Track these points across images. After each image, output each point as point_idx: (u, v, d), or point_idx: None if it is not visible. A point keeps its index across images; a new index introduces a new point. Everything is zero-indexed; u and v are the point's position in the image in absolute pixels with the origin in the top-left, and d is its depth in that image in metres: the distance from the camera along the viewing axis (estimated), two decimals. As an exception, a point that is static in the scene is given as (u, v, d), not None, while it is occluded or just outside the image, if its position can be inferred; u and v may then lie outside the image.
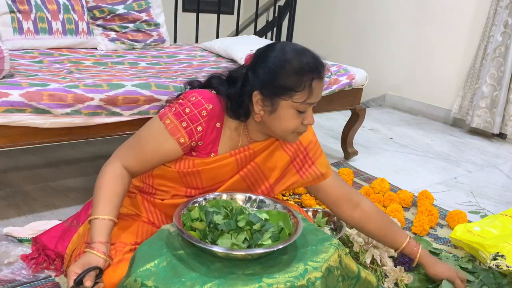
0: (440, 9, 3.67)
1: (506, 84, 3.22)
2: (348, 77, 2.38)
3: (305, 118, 1.20)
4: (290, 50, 1.17)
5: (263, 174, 1.33)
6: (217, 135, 1.25)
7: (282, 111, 1.17)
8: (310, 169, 1.37)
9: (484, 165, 2.81)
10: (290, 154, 1.34)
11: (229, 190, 1.28)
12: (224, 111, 1.25)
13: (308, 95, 1.15)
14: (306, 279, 0.97)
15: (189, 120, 1.20)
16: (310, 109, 1.20)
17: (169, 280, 0.94)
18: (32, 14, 2.16)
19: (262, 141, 1.31)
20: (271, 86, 1.16)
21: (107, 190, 1.16)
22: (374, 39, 4.15)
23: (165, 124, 1.20)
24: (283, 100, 1.16)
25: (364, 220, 1.40)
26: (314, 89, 1.16)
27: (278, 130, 1.22)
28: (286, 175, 1.37)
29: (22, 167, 2.22)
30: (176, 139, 1.19)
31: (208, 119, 1.21)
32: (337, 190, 1.40)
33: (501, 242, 1.59)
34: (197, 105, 1.20)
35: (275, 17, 3.69)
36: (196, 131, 1.21)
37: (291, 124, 1.19)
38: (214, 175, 1.27)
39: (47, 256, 1.42)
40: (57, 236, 1.48)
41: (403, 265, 1.54)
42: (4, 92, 1.45)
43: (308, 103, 1.17)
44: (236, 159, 1.28)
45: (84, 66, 1.99)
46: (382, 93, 4.18)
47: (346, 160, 2.64)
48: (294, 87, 1.14)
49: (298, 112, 1.18)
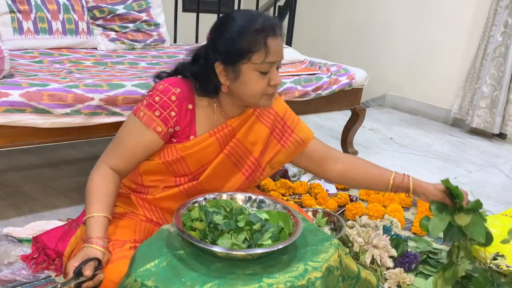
0: (440, 9, 3.67)
1: (506, 84, 3.22)
2: (348, 77, 2.39)
3: (271, 78, 1.22)
4: (240, 16, 1.21)
5: (246, 149, 1.35)
6: (191, 117, 1.28)
7: (245, 75, 1.20)
8: (291, 137, 1.40)
9: (484, 165, 2.81)
10: (268, 126, 1.37)
11: (216, 170, 1.30)
12: (193, 92, 1.28)
13: (265, 54, 1.18)
14: (306, 279, 0.97)
15: (161, 108, 1.23)
16: (273, 69, 1.22)
17: (169, 280, 0.94)
18: (32, 14, 2.16)
19: (238, 116, 1.33)
20: (229, 53, 1.19)
21: (98, 191, 1.17)
22: (374, 39, 4.15)
23: (140, 117, 1.23)
24: (243, 64, 1.19)
25: (347, 169, 1.41)
26: (271, 47, 1.18)
27: (247, 96, 1.24)
28: (268, 147, 1.39)
29: (22, 167, 2.22)
30: (153, 129, 1.22)
31: (179, 103, 1.24)
32: (319, 151, 1.43)
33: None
34: (165, 92, 1.24)
35: (275, 17, 3.69)
36: (170, 117, 1.24)
37: (257, 87, 1.21)
38: (198, 158, 1.29)
39: (47, 256, 1.43)
40: (58, 236, 1.48)
41: (403, 265, 1.54)
42: (4, 92, 1.45)
43: (268, 62, 1.19)
44: (217, 138, 1.30)
45: (84, 66, 1.99)
46: (382, 93, 4.18)
47: (346, 160, 2.64)
48: (250, 48, 1.17)
49: (261, 74, 1.20)
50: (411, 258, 1.56)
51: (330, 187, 2.20)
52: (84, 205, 1.20)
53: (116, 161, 1.24)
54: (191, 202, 1.16)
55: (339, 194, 2.05)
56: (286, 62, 2.49)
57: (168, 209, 1.32)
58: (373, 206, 1.95)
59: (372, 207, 1.95)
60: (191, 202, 1.16)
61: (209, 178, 1.31)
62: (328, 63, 2.52)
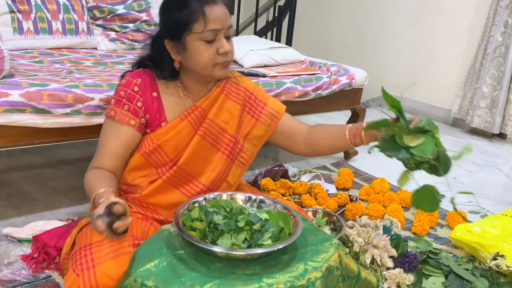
0: (440, 9, 3.67)
1: (506, 84, 3.21)
2: (348, 77, 2.39)
3: (219, 47, 1.23)
4: None
5: (220, 128, 1.36)
6: (158, 104, 1.30)
7: (191, 47, 1.22)
8: (264, 110, 1.42)
9: (484, 165, 2.81)
10: (239, 102, 1.39)
11: (194, 152, 1.32)
12: (155, 79, 1.30)
13: (204, 22, 1.19)
14: (306, 279, 0.97)
15: (128, 102, 1.26)
16: (220, 37, 1.23)
17: (169, 280, 0.94)
18: (32, 14, 2.16)
19: (206, 96, 1.34)
20: (172, 28, 1.23)
21: (98, 182, 1.17)
22: (374, 39, 4.15)
23: (112, 116, 1.26)
24: (187, 36, 1.21)
25: (311, 137, 1.39)
26: (210, 15, 1.19)
27: (199, 68, 1.25)
28: (243, 123, 1.41)
29: (22, 167, 2.22)
30: (127, 124, 1.25)
31: (142, 92, 1.27)
32: (290, 125, 1.43)
33: (501, 242, 1.59)
34: (128, 85, 1.27)
35: (275, 17, 3.69)
36: (138, 108, 1.26)
37: (204, 57, 1.22)
38: (175, 144, 1.30)
39: (47, 255, 1.43)
40: (58, 235, 1.49)
41: (403, 265, 1.54)
42: (4, 92, 1.45)
43: (209, 30, 1.20)
44: (189, 121, 1.31)
45: (84, 66, 1.99)
46: (382, 93, 4.18)
47: (346, 160, 2.64)
48: (189, 18, 1.20)
49: (206, 43, 1.21)
50: (411, 258, 1.55)
51: (330, 187, 2.20)
52: (84, 205, 1.20)
53: (103, 162, 1.25)
54: (191, 202, 1.16)
55: (339, 194, 2.05)
56: (286, 62, 2.49)
57: (158, 204, 1.33)
58: (373, 206, 1.95)
59: (372, 207, 1.95)
60: (191, 202, 1.16)
61: (188, 161, 1.32)
62: (328, 63, 2.52)
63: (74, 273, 1.05)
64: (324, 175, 2.35)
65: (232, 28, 1.25)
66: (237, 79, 1.42)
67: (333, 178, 2.33)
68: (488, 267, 1.54)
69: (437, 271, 1.56)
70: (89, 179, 1.20)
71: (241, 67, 2.31)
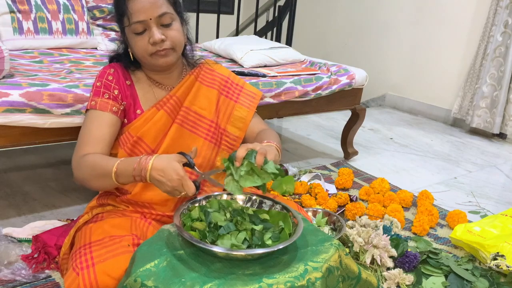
0: (440, 9, 3.67)
1: (506, 84, 3.22)
2: (348, 77, 2.39)
3: (150, 36, 1.24)
4: None
5: (198, 114, 1.38)
6: (132, 92, 1.34)
7: (128, 39, 1.28)
8: (242, 93, 1.46)
9: (484, 165, 2.81)
10: (216, 87, 1.43)
11: (173, 141, 1.33)
12: (128, 69, 1.35)
13: (129, 15, 1.23)
14: (306, 279, 0.97)
15: (105, 89, 1.30)
16: (150, 27, 1.24)
17: (169, 280, 0.94)
18: (32, 14, 2.16)
19: (178, 85, 1.36)
20: (117, 22, 1.30)
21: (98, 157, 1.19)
22: (374, 39, 4.15)
23: (93, 106, 1.28)
24: (125, 29, 1.27)
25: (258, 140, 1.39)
26: (131, 8, 1.22)
27: (140, 58, 1.30)
28: (221, 107, 1.43)
29: (22, 167, 2.22)
30: (110, 111, 1.28)
31: (116, 80, 1.32)
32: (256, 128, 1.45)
33: (501, 242, 1.59)
34: (102, 75, 1.32)
35: (275, 17, 3.69)
36: (115, 95, 1.30)
37: (138, 48, 1.26)
38: (154, 134, 1.32)
39: (47, 254, 1.43)
40: (58, 234, 1.49)
41: (403, 265, 1.54)
42: (4, 92, 1.45)
43: (135, 23, 1.23)
44: (165, 111, 1.33)
45: (84, 66, 1.99)
46: (382, 93, 4.18)
47: (346, 160, 2.64)
48: (118, 13, 1.26)
49: (137, 34, 1.25)
50: (411, 258, 1.56)
51: (330, 187, 2.20)
52: (84, 205, 1.19)
53: (90, 148, 1.23)
54: (191, 202, 1.16)
55: (339, 194, 2.05)
56: (286, 62, 2.49)
57: (151, 200, 1.31)
58: (373, 206, 1.95)
59: (372, 207, 1.95)
60: (191, 202, 1.16)
61: (168, 150, 1.32)
62: (328, 63, 2.52)
63: (73, 272, 1.05)
64: (324, 175, 2.35)
65: (169, 15, 1.25)
66: (211, 66, 1.45)
67: (333, 178, 2.33)
68: (488, 267, 1.54)
69: (437, 271, 1.56)
70: (89, 161, 1.18)
71: (241, 67, 2.31)
